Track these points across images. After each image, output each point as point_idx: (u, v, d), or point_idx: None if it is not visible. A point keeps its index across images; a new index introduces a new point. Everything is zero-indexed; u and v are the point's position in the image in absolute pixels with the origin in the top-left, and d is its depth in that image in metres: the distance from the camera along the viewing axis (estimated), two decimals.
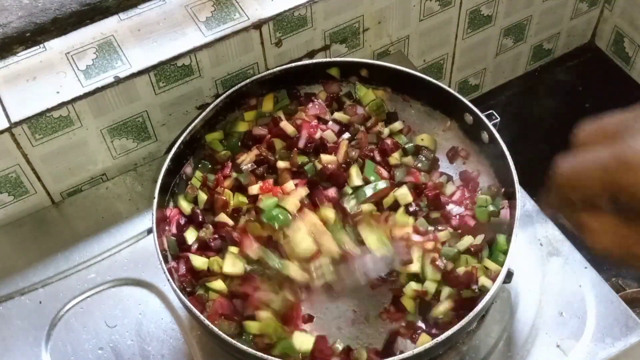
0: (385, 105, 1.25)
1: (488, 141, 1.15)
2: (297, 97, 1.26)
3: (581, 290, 1.13)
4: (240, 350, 0.97)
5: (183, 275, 1.07)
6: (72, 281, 1.18)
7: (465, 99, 1.17)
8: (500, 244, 1.06)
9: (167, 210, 1.13)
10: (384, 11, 1.39)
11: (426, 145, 1.20)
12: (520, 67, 1.83)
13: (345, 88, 1.27)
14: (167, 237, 1.11)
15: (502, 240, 1.07)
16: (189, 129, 1.16)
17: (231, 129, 1.22)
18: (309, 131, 1.17)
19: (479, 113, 1.15)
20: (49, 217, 1.27)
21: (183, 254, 1.09)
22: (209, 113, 1.19)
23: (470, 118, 1.18)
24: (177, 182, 1.17)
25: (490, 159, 1.18)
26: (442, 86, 1.19)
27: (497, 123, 1.16)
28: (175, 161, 1.14)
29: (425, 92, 1.23)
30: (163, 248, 1.08)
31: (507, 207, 1.10)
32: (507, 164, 1.09)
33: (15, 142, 1.16)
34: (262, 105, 1.24)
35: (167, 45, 1.22)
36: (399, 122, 1.23)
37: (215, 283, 1.05)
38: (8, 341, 1.12)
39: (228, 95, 1.20)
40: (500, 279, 1.00)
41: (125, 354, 1.10)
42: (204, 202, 1.13)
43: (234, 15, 1.26)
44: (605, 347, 1.07)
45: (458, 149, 1.21)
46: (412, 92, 1.25)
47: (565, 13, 1.75)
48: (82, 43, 1.23)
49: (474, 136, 1.20)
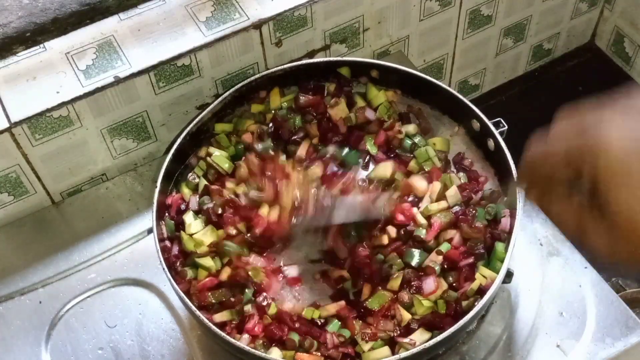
0: (395, 106, 1.25)
1: (494, 149, 1.15)
2: (307, 89, 1.26)
3: (581, 290, 1.13)
4: (239, 349, 0.97)
5: (175, 255, 1.10)
6: (72, 281, 1.18)
7: (474, 106, 1.17)
8: (498, 252, 1.06)
9: (169, 198, 1.15)
10: (384, 11, 1.39)
11: (439, 148, 1.21)
12: (520, 67, 1.83)
13: (355, 88, 1.27)
14: (166, 220, 1.13)
15: (500, 248, 1.07)
16: (196, 120, 1.18)
17: (238, 125, 1.23)
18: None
19: (486, 120, 1.15)
20: (49, 217, 1.27)
21: (177, 234, 1.12)
22: (217, 105, 1.20)
23: (478, 125, 1.17)
24: (181, 172, 1.19)
25: (495, 166, 1.18)
26: (451, 91, 1.19)
27: (505, 131, 1.15)
28: (180, 152, 1.16)
29: (434, 97, 1.23)
30: (164, 245, 1.10)
31: (508, 216, 1.09)
32: (510, 174, 1.09)
33: (15, 142, 1.16)
34: (270, 99, 1.25)
35: (167, 45, 1.22)
36: (413, 126, 1.23)
37: (205, 259, 1.08)
38: (8, 341, 1.12)
39: (237, 89, 1.21)
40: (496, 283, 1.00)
41: (125, 354, 1.10)
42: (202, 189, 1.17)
43: (234, 15, 1.26)
44: (605, 347, 1.07)
45: (463, 155, 1.21)
46: (422, 95, 1.25)
47: (565, 13, 1.75)
48: (82, 43, 1.23)
49: (480, 143, 1.20)
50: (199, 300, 1.05)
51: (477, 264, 1.07)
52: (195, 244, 1.10)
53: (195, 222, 1.12)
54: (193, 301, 1.04)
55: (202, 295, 1.05)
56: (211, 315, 1.04)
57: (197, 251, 1.09)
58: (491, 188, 1.16)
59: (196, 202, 1.15)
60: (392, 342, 1.03)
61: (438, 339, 0.96)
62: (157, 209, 1.09)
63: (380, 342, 1.03)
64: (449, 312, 1.04)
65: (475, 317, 0.99)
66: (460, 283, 1.06)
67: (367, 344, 1.03)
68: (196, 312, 1.00)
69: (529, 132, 0.78)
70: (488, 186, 1.17)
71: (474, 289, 1.04)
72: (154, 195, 1.09)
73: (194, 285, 1.06)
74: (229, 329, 1.04)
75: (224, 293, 1.06)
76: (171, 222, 1.13)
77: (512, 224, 1.06)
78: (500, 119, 1.16)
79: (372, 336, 1.03)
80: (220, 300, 1.06)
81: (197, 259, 1.08)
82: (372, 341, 1.03)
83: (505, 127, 1.15)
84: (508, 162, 1.10)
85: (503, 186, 1.15)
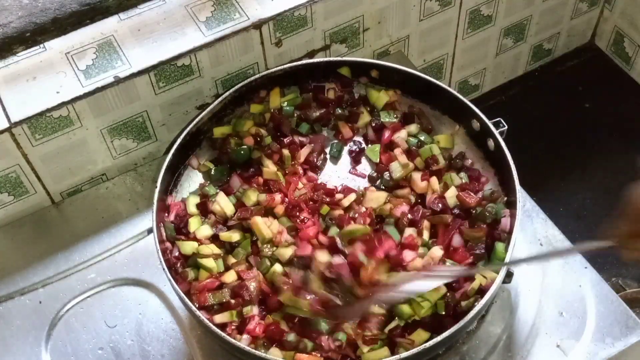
0: (398, 106, 1.25)
1: (494, 149, 1.15)
2: (308, 90, 1.26)
3: (581, 290, 1.13)
4: (240, 349, 0.97)
5: (176, 257, 1.10)
6: (72, 281, 1.18)
7: (474, 106, 1.16)
8: (498, 252, 1.06)
9: (169, 198, 1.15)
10: (384, 11, 1.39)
11: (443, 145, 1.21)
12: (520, 67, 1.83)
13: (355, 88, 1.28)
14: (166, 223, 1.13)
15: (500, 248, 1.07)
16: (196, 120, 1.18)
17: (237, 126, 1.23)
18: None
19: (487, 120, 1.15)
20: (49, 217, 1.27)
21: (178, 237, 1.12)
22: (217, 106, 1.20)
23: (477, 124, 1.17)
24: (181, 172, 1.19)
25: (495, 166, 1.18)
26: (451, 91, 1.19)
27: (504, 132, 1.15)
28: (180, 152, 1.16)
29: (434, 97, 1.23)
30: (164, 247, 1.10)
31: (508, 216, 1.09)
32: (510, 174, 1.09)
33: (15, 142, 1.16)
34: (270, 99, 1.25)
35: (167, 45, 1.22)
36: (415, 125, 1.23)
37: (207, 260, 1.08)
38: (8, 341, 1.12)
39: (237, 89, 1.21)
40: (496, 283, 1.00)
41: (125, 354, 1.10)
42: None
43: (234, 15, 1.26)
44: (605, 347, 1.07)
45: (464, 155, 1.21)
46: (422, 95, 1.25)
47: (565, 13, 1.75)
48: (82, 43, 1.23)
49: (480, 143, 1.20)
50: (199, 301, 1.05)
51: (477, 264, 1.07)
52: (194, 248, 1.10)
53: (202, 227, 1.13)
54: (193, 302, 1.04)
55: (202, 296, 1.05)
56: (211, 315, 1.04)
57: (199, 252, 1.09)
58: (491, 188, 1.16)
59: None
60: (392, 342, 1.03)
61: (438, 339, 0.96)
62: (157, 210, 1.09)
63: (380, 343, 1.03)
64: (449, 313, 1.04)
65: (475, 317, 0.99)
66: (460, 283, 1.06)
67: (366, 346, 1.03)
68: (197, 313, 1.00)
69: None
70: (488, 186, 1.17)
71: (474, 288, 1.04)
72: (154, 195, 1.09)
73: (194, 286, 1.06)
74: (230, 329, 1.04)
75: (224, 294, 1.06)
76: (171, 225, 1.13)
77: (512, 224, 1.06)
78: (500, 119, 1.16)
79: (370, 340, 1.03)
80: (221, 302, 1.05)
81: (200, 260, 1.08)
82: (372, 344, 1.03)
83: (505, 127, 1.15)
84: (508, 162, 1.10)
85: (503, 186, 1.15)
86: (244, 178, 1.19)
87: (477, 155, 1.21)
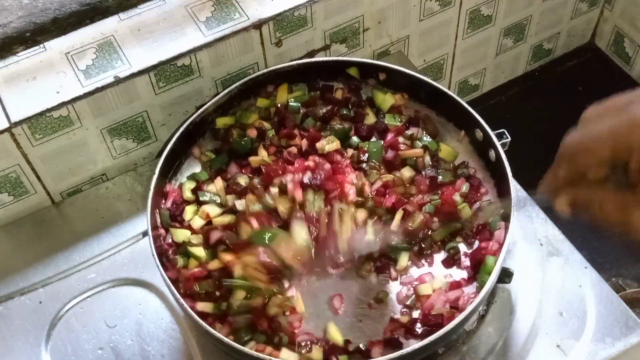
0: (404, 110, 1.25)
1: (494, 160, 1.14)
2: (316, 88, 1.27)
3: (581, 290, 1.13)
4: (238, 350, 0.97)
5: (169, 244, 1.11)
6: (72, 281, 1.18)
7: (478, 115, 1.15)
8: (488, 265, 1.05)
9: (167, 186, 1.16)
10: (384, 11, 1.39)
11: (444, 157, 1.20)
12: (520, 67, 1.83)
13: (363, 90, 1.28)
14: (162, 210, 1.13)
15: (490, 261, 1.05)
16: (201, 110, 1.18)
17: (242, 118, 1.23)
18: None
19: (489, 130, 1.13)
20: (49, 217, 1.27)
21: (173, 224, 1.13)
22: (223, 97, 1.21)
23: (481, 134, 1.16)
24: (182, 161, 1.20)
25: (495, 178, 1.16)
26: (457, 99, 1.18)
27: (507, 143, 1.13)
28: (182, 141, 1.17)
29: (440, 104, 1.22)
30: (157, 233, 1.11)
31: (503, 229, 1.08)
32: (508, 188, 1.07)
33: (15, 142, 1.16)
34: (277, 94, 1.25)
35: (167, 45, 1.22)
36: (418, 130, 1.22)
37: (197, 249, 1.09)
38: (8, 341, 1.12)
39: (244, 82, 1.22)
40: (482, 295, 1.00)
41: (125, 354, 1.10)
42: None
43: (234, 15, 1.26)
44: (605, 347, 1.07)
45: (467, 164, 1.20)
46: (428, 101, 1.24)
47: (565, 13, 1.75)
48: (82, 43, 1.23)
49: (482, 152, 1.18)
50: (184, 288, 1.05)
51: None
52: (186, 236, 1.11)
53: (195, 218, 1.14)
54: (179, 289, 1.04)
55: (188, 284, 1.06)
56: (194, 304, 1.04)
57: (190, 240, 1.10)
58: (489, 199, 1.15)
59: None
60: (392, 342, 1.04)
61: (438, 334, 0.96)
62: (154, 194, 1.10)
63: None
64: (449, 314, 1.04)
65: (474, 311, 0.99)
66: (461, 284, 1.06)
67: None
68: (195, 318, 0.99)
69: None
70: (487, 197, 1.16)
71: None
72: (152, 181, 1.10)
73: (182, 274, 1.07)
74: (211, 320, 1.04)
75: (209, 284, 1.06)
76: (167, 212, 1.13)
77: (505, 237, 1.05)
78: (504, 130, 1.14)
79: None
80: (206, 291, 1.06)
81: (190, 248, 1.09)
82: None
83: (509, 139, 1.13)
84: (507, 176, 1.08)
85: (500, 197, 1.13)
86: (241, 167, 1.19)
87: (479, 164, 1.19)
